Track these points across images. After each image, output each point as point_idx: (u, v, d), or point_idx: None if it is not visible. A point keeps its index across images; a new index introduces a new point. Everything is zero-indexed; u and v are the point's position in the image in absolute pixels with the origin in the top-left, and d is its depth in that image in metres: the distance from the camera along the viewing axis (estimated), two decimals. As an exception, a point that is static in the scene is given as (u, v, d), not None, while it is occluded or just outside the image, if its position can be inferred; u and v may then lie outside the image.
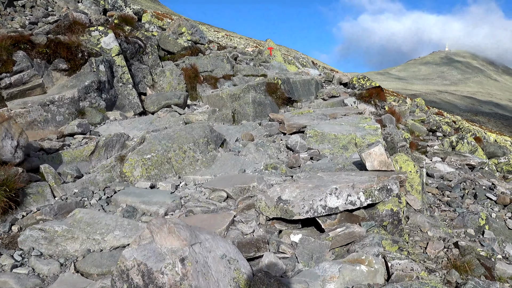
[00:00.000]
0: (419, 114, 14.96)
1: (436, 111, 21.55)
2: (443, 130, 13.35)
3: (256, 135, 6.43)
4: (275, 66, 15.16)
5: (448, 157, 11.03)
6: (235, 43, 49.34)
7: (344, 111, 8.18)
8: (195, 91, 9.07)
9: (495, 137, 42.37)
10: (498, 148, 14.71)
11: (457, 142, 13.20)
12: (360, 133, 5.70)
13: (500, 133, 69.75)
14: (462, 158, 11.18)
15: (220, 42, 41.95)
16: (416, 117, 14.23)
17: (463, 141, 13.19)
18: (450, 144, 12.96)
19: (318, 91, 11.78)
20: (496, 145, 14.78)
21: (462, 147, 13.02)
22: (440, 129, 13.31)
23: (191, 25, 13.66)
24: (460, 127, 17.77)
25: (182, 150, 4.94)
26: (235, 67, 11.21)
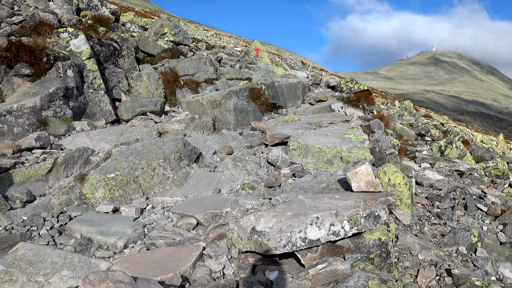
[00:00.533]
0: (408, 117, 14.68)
1: (424, 113, 21.36)
2: (432, 134, 13.07)
3: (236, 147, 5.99)
4: (262, 68, 14.74)
5: (437, 163, 10.73)
6: (224, 42, 48.76)
7: (330, 118, 7.78)
8: (174, 97, 8.59)
9: (482, 137, 42.63)
10: (486, 152, 14.51)
11: (445, 146, 12.94)
12: (346, 146, 5.30)
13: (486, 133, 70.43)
14: (451, 164, 10.89)
15: (209, 41, 41.37)
16: (405, 121, 13.94)
17: (451, 146, 12.94)
18: (439, 149, 12.69)
19: (305, 95, 11.39)
20: (484, 149, 14.57)
21: (451, 152, 12.76)
22: (428, 133, 13.03)
23: (174, 25, 13.17)
24: (448, 130, 17.56)
25: (151, 167, 4.48)
26: (219, 70, 10.75)
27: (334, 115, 8.26)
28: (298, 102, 10.82)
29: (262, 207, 3.69)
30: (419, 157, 11.36)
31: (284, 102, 10.14)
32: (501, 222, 7.04)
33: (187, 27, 55.46)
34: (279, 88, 10.11)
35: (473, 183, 10.13)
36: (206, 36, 51.03)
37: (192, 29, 55.25)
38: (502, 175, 13.46)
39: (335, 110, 9.59)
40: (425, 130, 13.07)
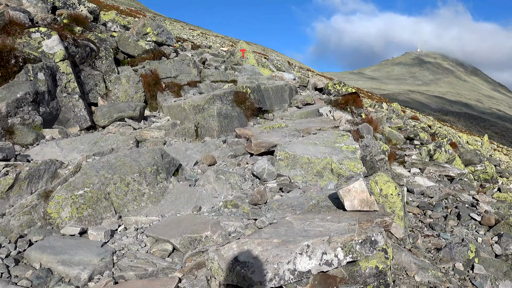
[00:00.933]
0: (396, 120, 14.48)
1: (411, 115, 21.25)
2: (421, 138, 12.89)
3: (219, 156, 5.61)
4: (248, 69, 14.38)
5: (427, 168, 10.52)
6: (211, 42, 48.18)
7: (319, 124, 7.46)
8: (155, 100, 8.16)
9: (467, 138, 42.98)
10: (475, 156, 14.40)
11: (434, 150, 12.76)
12: (337, 156, 4.97)
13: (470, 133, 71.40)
14: (441, 169, 10.69)
15: (195, 41, 40.77)
16: (393, 124, 13.73)
17: (440, 150, 12.76)
18: (428, 153, 12.50)
19: (292, 98, 11.06)
20: (473, 153, 14.46)
21: (440, 156, 12.58)
22: (417, 137, 12.83)
23: (157, 25, 12.70)
24: (436, 133, 17.46)
25: (124, 182, 4.07)
26: (203, 72, 10.34)
27: (322, 120, 7.94)
28: (285, 105, 10.49)
29: (246, 230, 3.32)
30: (408, 161, 11.14)
31: (270, 105, 9.79)
32: (495, 233, 6.81)
33: (172, 26, 54.76)
34: (265, 91, 9.76)
35: (464, 189, 9.94)
36: (192, 35, 50.42)
37: (178, 29, 54.57)
38: (491, 179, 13.36)
39: (323, 114, 9.28)
40: (413, 133, 12.87)
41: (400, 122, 14.28)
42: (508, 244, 6.45)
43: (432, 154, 12.64)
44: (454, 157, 12.69)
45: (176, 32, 44.83)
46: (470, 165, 14.34)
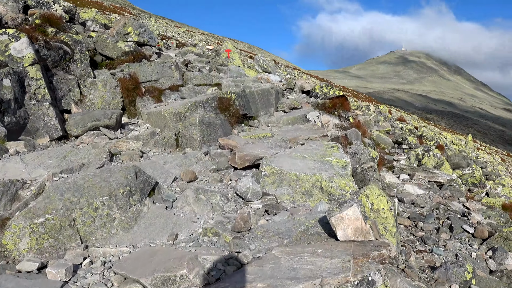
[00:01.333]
0: (384, 123, 14.26)
1: (398, 116, 21.13)
2: (409, 142, 12.68)
3: (200, 171, 5.21)
4: (233, 71, 13.97)
5: (416, 174, 10.29)
6: (196, 40, 47.51)
7: (306, 132, 7.11)
8: (134, 106, 7.70)
9: (451, 138, 43.38)
10: (463, 159, 14.28)
11: (423, 154, 12.57)
12: (327, 173, 4.62)
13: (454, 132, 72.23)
14: (430, 174, 10.48)
15: (180, 39, 40.08)
16: (381, 128, 13.50)
17: (429, 154, 12.58)
18: (416, 157, 12.31)
19: (279, 102, 10.71)
20: (460, 156, 14.34)
21: (428, 161, 12.40)
22: (406, 141, 12.62)
23: (139, 24, 12.19)
24: (423, 135, 17.34)
25: (92, 207, 3.65)
26: (186, 75, 9.90)
27: (310, 128, 7.59)
28: (271, 109, 10.12)
29: (228, 267, 2.94)
30: (397, 167, 10.90)
31: (256, 110, 9.41)
32: (489, 247, 6.57)
33: (158, 24, 53.87)
34: (250, 95, 9.38)
35: (453, 196, 9.75)
36: (177, 33, 49.63)
37: (163, 26, 53.70)
38: (479, 184, 13.24)
39: (311, 120, 8.94)
40: (402, 137, 12.66)
41: (388, 125, 14.06)
42: (503, 259, 6.21)
43: (420, 158, 12.45)
44: (443, 161, 12.51)
45: (161, 30, 44.06)
46: (458, 168, 14.22)
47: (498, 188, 13.69)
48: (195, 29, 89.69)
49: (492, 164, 35.47)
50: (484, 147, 63.17)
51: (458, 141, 41.62)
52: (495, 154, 52.73)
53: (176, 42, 30.38)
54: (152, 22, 52.42)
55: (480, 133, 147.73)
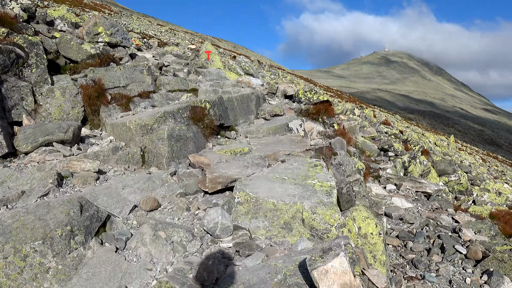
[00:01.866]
0: (369, 129, 13.77)
1: (383, 119, 20.77)
2: (395, 149, 12.21)
3: (165, 196, 4.53)
4: (213, 73, 13.31)
5: (403, 185, 9.80)
6: (179, 39, 46.54)
7: (288, 145, 6.48)
8: (97, 116, 6.96)
9: (434, 139, 43.52)
10: (449, 165, 13.91)
11: (409, 162, 12.13)
12: (309, 201, 4.00)
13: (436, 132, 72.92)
14: (417, 184, 10.01)
15: (162, 38, 39.08)
16: (367, 134, 13.01)
17: (415, 161, 12.14)
18: (402, 165, 11.85)
19: (260, 108, 10.08)
20: (446, 162, 13.97)
21: (415, 168, 11.95)
22: (392, 148, 12.15)
23: (111, 24, 11.39)
24: (409, 139, 16.95)
25: (20, 254, 2.95)
26: (159, 79, 9.18)
27: (292, 140, 6.97)
28: (251, 117, 9.49)
29: None
30: (383, 176, 10.40)
31: (234, 118, 8.76)
32: (484, 269, 6.06)
33: (140, 22, 52.67)
34: (229, 102, 8.72)
35: (441, 207, 9.29)
36: (160, 31, 48.54)
37: (145, 24, 52.53)
38: (465, 191, 12.87)
39: (293, 129, 8.34)
40: (388, 144, 12.17)
41: (373, 131, 13.58)
42: (499, 284, 5.71)
43: (407, 166, 12.00)
44: (429, 169, 12.09)
45: (143, 28, 42.95)
46: (444, 175, 13.84)
47: (484, 195, 13.36)
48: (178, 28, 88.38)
49: (475, 165, 35.65)
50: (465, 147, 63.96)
51: (440, 142, 41.80)
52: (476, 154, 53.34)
53: (157, 41, 29.49)
54: (134, 20, 51.23)
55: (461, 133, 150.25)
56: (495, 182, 18.12)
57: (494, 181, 21.26)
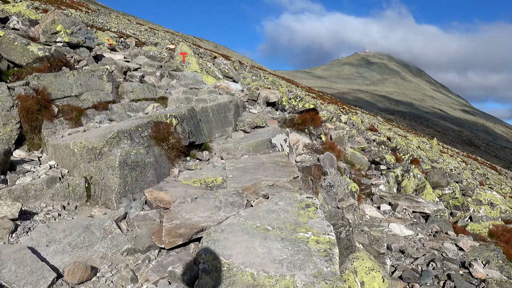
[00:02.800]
0: (358, 139, 12.76)
1: (369, 126, 19.87)
2: (387, 161, 11.21)
3: (106, 255, 3.32)
4: (188, 77, 12.10)
5: (399, 205, 8.79)
6: (159, 38, 44.92)
7: (271, 170, 5.33)
8: (38, 135, 5.66)
9: (417, 142, 43.15)
10: (442, 177, 13.03)
11: (402, 176, 11.16)
12: (303, 272, 2.84)
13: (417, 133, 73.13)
14: (414, 204, 9.01)
15: (141, 37, 37.41)
16: (356, 144, 11.98)
17: (409, 175, 11.17)
18: (395, 179, 10.87)
19: (239, 119, 8.92)
20: (440, 174, 13.08)
21: (408, 183, 10.99)
22: (383, 160, 11.14)
23: (73, 22, 10.05)
24: (398, 148, 16.05)
25: None
26: (122, 86, 7.91)
27: (276, 162, 5.81)
28: (229, 129, 8.32)
29: None
30: (376, 194, 9.37)
31: (209, 131, 7.58)
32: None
33: (118, 20, 50.80)
34: (203, 113, 7.53)
35: (442, 230, 8.33)
36: (139, 30, 46.80)
37: (124, 23, 50.67)
38: (461, 206, 11.99)
39: (277, 145, 7.19)
40: (379, 157, 11.16)
41: (362, 141, 12.57)
42: None
43: (400, 180, 11.02)
44: (424, 184, 11.14)
45: (121, 27, 41.20)
46: (437, 187, 12.95)
47: (480, 209, 12.53)
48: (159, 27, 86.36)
49: (458, 169, 35.30)
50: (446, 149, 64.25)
51: (423, 145, 41.43)
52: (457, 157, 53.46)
53: (135, 40, 27.91)
54: (112, 19, 49.34)
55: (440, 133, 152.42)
56: (485, 192, 17.42)
57: (482, 189, 20.64)
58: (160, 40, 40.97)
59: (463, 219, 11.22)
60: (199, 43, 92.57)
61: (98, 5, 77.52)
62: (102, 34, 21.86)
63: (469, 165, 49.93)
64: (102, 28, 28.38)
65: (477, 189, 17.15)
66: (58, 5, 37.54)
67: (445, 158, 40.05)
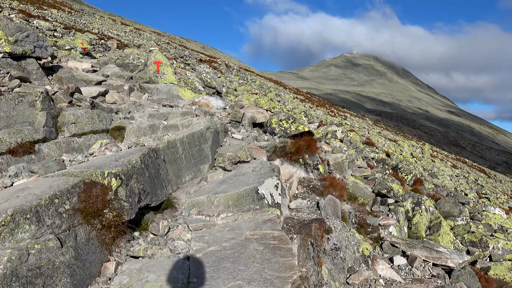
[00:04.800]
0: (359, 162, 11.04)
1: (365, 139, 18.22)
2: (394, 193, 9.50)
3: None
4: (162, 91, 10.26)
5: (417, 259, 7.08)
6: (144, 39, 42.65)
7: (258, 261, 3.54)
8: None
9: (409, 149, 41.85)
10: (454, 206, 11.39)
11: (413, 210, 9.48)
12: None
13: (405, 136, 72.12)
14: (434, 254, 7.30)
15: (124, 39, 34.99)
16: (358, 172, 10.26)
17: (420, 209, 9.49)
18: (405, 216, 9.17)
19: (218, 150, 7.11)
20: (451, 202, 11.44)
21: (421, 219, 9.30)
22: (391, 192, 9.43)
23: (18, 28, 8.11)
24: (399, 166, 14.40)
25: None
26: (62, 115, 6.02)
27: (264, 238, 4.03)
28: (204, 168, 6.50)
29: None
30: (386, 240, 7.64)
31: (177, 175, 5.76)
32: None
33: (102, 21, 48.44)
34: (169, 150, 5.71)
35: (469, 289, 6.68)
36: (124, 31, 44.55)
37: (108, 24, 48.35)
38: (479, 242, 10.35)
39: (266, 197, 5.41)
40: (386, 188, 9.44)
41: (364, 165, 10.88)
42: None
43: (411, 217, 9.33)
44: (439, 220, 9.45)
45: (105, 28, 38.91)
46: (449, 217, 11.33)
47: (498, 243, 10.94)
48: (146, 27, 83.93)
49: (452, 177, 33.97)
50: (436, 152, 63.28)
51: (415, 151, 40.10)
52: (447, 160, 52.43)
53: (117, 42, 25.72)
54: (96, 19, 47.00)
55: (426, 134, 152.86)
56: (491, 212, 15.89)
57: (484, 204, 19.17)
58: (145, 42, 38.83)
59: (483, 259, 9.59)
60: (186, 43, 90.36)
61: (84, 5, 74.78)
62: (81, 36, 19.79)
63: (460, 170, 49.00)
64: (82, 29, 26.14)
65: (485, 211, 15.63)
66: (39, 5, 35.26)
67: (438, 165, 38.78)
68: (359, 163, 11.03)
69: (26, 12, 24.09)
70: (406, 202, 9.45)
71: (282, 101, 31.04)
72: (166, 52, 26.92)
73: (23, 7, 29.81)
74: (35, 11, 30.64)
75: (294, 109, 27.22)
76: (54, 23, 22.56)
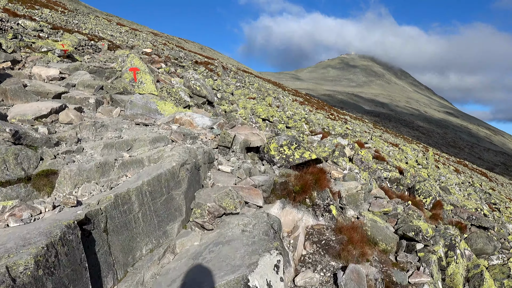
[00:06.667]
0: (375, 191, 9.09)
1: (373, 151, 16.30)
2: (423, 234, 7.55)
3: None
4: (137, 105, 8.35)
5: None
6: (140, 40, 40.50)
7: None
8: None
9: (413, 155, 39.94)
10: (488, 242, 9.46)
11: (446, 256, 7.56)
12: None
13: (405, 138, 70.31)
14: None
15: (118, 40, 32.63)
16: (375, 205, 8.30)
17: (455, 254, 7.56)
18: (438, 265, 7.25)
19: (197, 193, 5.16)
20: (484, 238, 9.51)
21: (457, 269, 7.34)
22: (419, 235, 7.47)
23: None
24: (416, 188, 12.47)
25: None
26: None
27: None
28: (172, 229, 4.54)
29: None
30: (422, 310, 5.71)
31: (128, 248, 3.80)
32: None
33: (97, 21, 46.33)
34: (114, 212, 3.75)
35: None
36: (119, 32, 42.42)
37: (103, 24, 46.27)
38: (524, 293, 8.42)
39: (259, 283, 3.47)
40: (413, 230, 7.48)
41: (381, 193, 8.94)
42: None
43: (445, 266, 7.40)
44: (481, 270, 7.53)
45: (99, 28, 36.79)
46: (482, 255, 9.44)
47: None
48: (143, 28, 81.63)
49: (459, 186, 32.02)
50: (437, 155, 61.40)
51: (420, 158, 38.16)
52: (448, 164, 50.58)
53: (108, 43, 23.56)
54: (90, 19, 44.92)
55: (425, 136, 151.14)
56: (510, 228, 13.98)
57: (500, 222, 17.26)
58: (140, 42, 36.68)
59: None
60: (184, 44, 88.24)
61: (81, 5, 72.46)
62: (68, 37, 17.68)
63: (463, 174, 47.22)
64: (71, 30, 23.99)
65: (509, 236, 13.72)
66: (31, 5, 33.26)
67: (442, 171, 36.93)
68: (376, 191, 9.09)
69: (11, 11, 22.06)
70: (438, 246, 7.51)
71: (281, 105, 29.11)
72: (155, 55, 24.80)
73: (12, 6, 27.80)
74: (24, 10, 28.64)
75: (294, 115, 25.29)
76: (41, 23, 20.49)
